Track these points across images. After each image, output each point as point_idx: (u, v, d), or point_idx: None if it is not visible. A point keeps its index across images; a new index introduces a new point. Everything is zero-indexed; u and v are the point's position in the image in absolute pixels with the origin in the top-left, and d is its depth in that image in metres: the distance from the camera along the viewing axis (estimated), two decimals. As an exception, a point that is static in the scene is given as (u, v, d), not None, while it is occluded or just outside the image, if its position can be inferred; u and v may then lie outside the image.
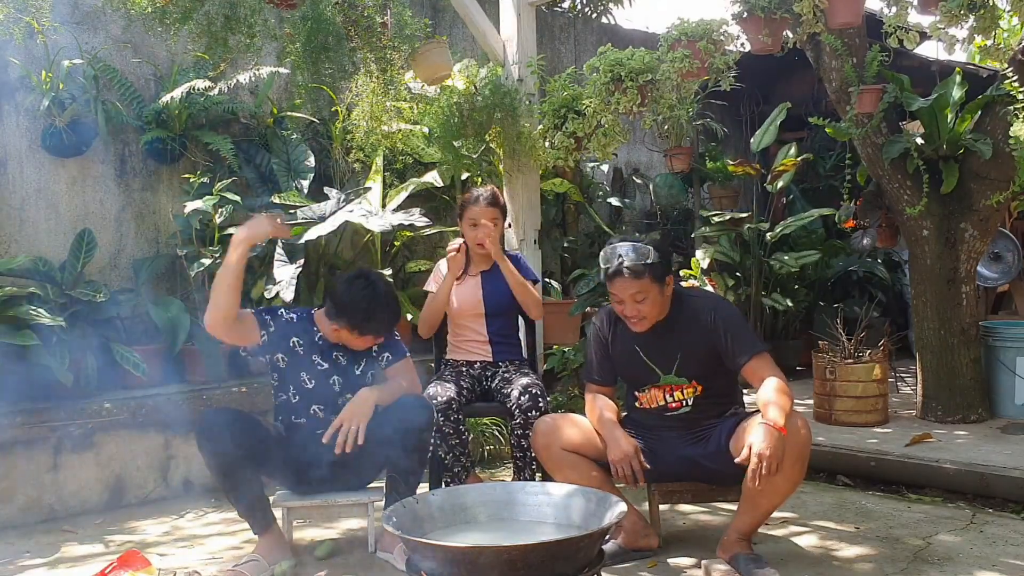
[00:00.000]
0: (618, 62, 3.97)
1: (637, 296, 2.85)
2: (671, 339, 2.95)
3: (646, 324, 2.91)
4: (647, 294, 2.85)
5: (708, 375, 2.95)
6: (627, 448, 2.83)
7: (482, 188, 3.69)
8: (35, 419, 3.74)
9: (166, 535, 3.55)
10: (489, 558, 2.02)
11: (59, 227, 4.43)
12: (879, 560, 2.97)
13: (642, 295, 2.85)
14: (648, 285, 2.84)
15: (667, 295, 2.93)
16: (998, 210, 4.54)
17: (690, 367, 2.94)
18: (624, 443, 2.85)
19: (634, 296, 2.85)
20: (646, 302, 2.86)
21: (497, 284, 3.67)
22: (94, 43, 4.51)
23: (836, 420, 4.53)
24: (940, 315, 4.58)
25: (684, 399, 2.97)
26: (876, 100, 4.38)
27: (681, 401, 2.97)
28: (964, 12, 3.25)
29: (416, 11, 3.75)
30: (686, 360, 2.93)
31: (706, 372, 2.95)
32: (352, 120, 4.08)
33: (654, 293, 2.86)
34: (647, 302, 2.86)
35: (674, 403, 2.98)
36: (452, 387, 3.46)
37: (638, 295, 2.85)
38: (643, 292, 2.85)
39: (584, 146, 4.29)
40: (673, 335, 2.95)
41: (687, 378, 2.95)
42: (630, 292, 2.85)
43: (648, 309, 2.87)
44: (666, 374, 2.96)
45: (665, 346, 2.95)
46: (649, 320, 2.90)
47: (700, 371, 2.95)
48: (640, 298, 2.85)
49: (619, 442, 2.86)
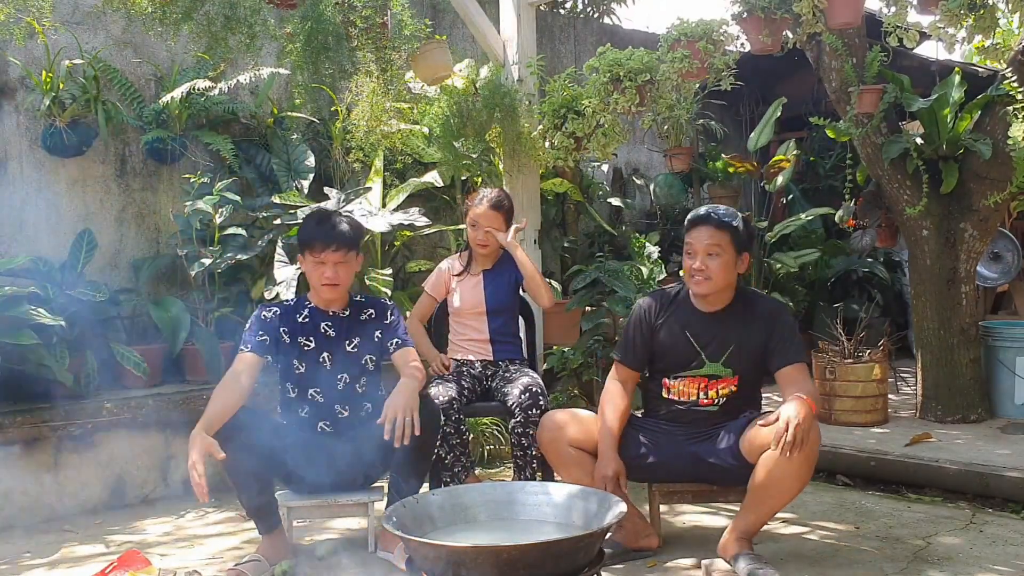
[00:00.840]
0: (617, 62, 3.97)
1: (712, 248, 2.83)
2: (728, 328, 2.93)
3: (708, 286, 2.86)
4: (722, 252, 2.83)
5: (750, 372, 2.95)
6: (609, 471, 2.85)
7: (488, 190, 3.70)
8: (35, 419, 3.74)
9: (166, 535, 3.56)
10: (489, 558, 2.02)
11: (59, 227, 4.43)
12: (879, 560, 2.97)
13: (717, 249, 2.83)
14: (726, 243, 2.83)
15: (737, 271, 2.90)
16: (998, 210, 4.54)
17: (739, 360, 2.92)
18: (611, 465, 2.87)
19: (708, 248, 2.83)
20: (716, 260, 2.83)
21: (499, 283, 3.67)
22: (94, 43, 4.51)
23: (836, 420, 4.53)
24: (940, 315, 4.58)
25: (717, 398, 2.95)
26: (876, 100, 4.38)
27: (713, 400, 2.96)
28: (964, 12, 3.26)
29: (416, 11, 3.75)
30: (738, 352, 2.91)
31: (751, 369, 2.94)
32: (352, 121, 4.08)
33: (728, 256, 2.84)
34: (718, 261, 2.83)
35: (706, 400, 2.96)
36: (453, 387, 3.46)
37: (713, 247, 2.83)
38: (719, 247, 2.83)
39: (584, 146, 4.29)
40: (730, 324, 2.93)
41: (732, 370, 2.93)
42: (707, 242, 2.83)
43: (716, 269, 2.84)
44: (712, 362, 2.93)
45: (719, 333, 2.93)
46: (713, 283, 2.85)
47: (746, 366, 2.93)
48: (714, 251, 2.83)
49: (606, 460, 2.89)
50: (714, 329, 2.94)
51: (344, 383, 3.07)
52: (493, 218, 3.60)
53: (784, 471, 2.66)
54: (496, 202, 3.61)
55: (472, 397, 3.58)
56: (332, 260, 2.98)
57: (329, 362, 3.06)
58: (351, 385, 3.09)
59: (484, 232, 3.60)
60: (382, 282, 4.50)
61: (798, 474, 2.67)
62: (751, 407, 3.02)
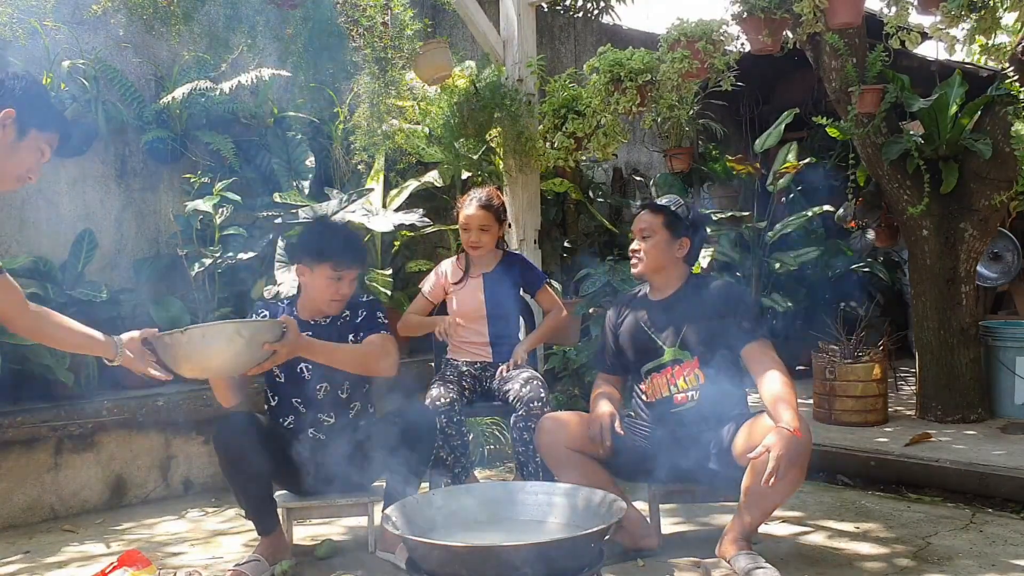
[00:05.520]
0: (618, 62, 3.97)
1: (644, 231, 3.02)
2: (678, 311, 3.01)
3: (641, 267, 3.04)
4: (654, 235, 3.00)
5: (709, 354, 2.94)
6: (602, 412, 2.96)
7: (477, 191, 3.68)
8: (35, 419, 3.74)
9: (167, 535, 3.56)
10: (489, 558, 2.02)
11: (59, 227, 4.43)
12: (879, 560, 2.97)
13: (648, 232, 3.01)
14: (658, 226, 3.00)
15: (674, 255, 3.02)
16: (998, 210, 4.54)
17: (695, 340, 2.95)
18: (602, 408, 2.99)
19: (641, 231, 3.02)
20: (649, 241, 3.00)
21: (498, 286, 3.66)
22: (94, 43, 4.51)
23: (836, 420, 4.53)
24: (940, 315, 4.58)
25: (688, 389, 2.96)
26: (877, 100, 4.38)
27: (687, 393, 2.96)
28: (964, 12, 3.26)
29: (416, 11, 3.75)
30: (692, 332, 2.95)
31: (709, 350, 2.94)
32: (354, 122, 4.08)
33: (660, 238, 3.00)
34: (650, 242, 3.00)
35: (680, 395, 2.97)
36: (454, 388, 3.46)
37: (645, 231, 3.01)
38: (650, 230, 3.01)
39: (584, 146, 4.29)
40: (681, 307, 3.01)
41: (690, 352, 2.96)
42: (640, 226, 3.03)
43: (647, 249, 3.01)
44: (669, 346, 2.98)
45: (672, 317, 3.01)
46: (645, 264, 3.02)
47: (704, 347, 2.94)
48: (645, 234, 3.01)
49: (598, 409, 3.00)
50: (666, 314, 3.04)
51: (325, 391, 3.02)
52: (483, 218, 3.59)
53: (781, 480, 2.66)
54: (485, 201, 3.60)
55: (473, 398, 3.58)
56: (350, 277, 2.98)
57: (307, 372, 3.00)
58: (333, 392, 3.04)
59: (476, 232, 3.59)
60: (382, 282, 4.50)
61: (789, 478, 2.66)
62: (733, 404, 2.99)
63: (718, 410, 2.94)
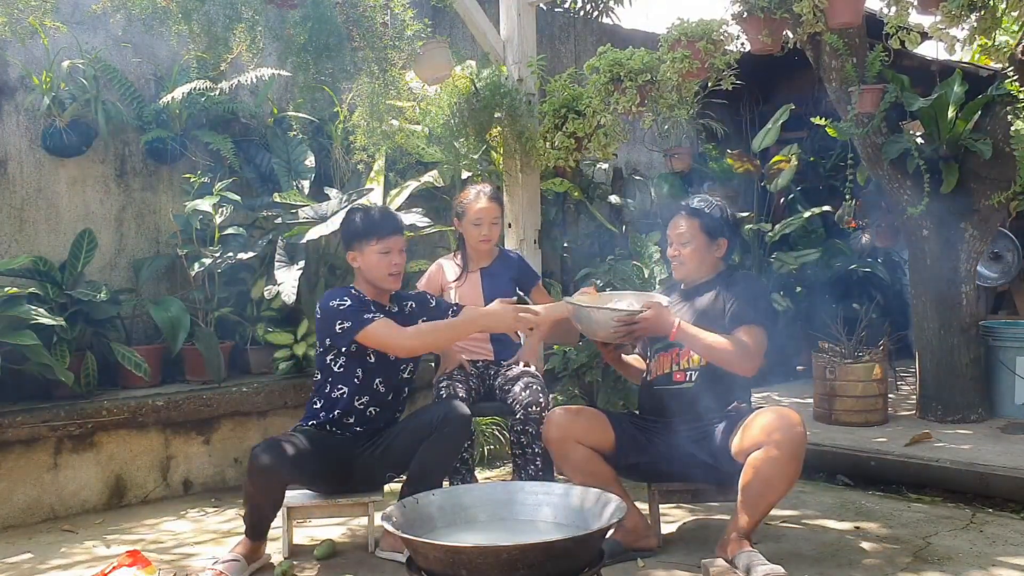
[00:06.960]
0: (618, 62, 3.97)
1: (682, 237, 3.04)
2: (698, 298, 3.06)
3: (683, 271, 3.08)
4: (692, 240, 3.03)
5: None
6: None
7: (478, 185, 3.70)
8: (35, 419, 3.74)
9: (166, 535, 3.55)
10: (489, 558, 2.02)
11: (59, 227, 4.43)
12: (879, 559, 2.97)
13: (687, 238, 3.03)
14: (696, 231, 3.03)
15: (714, 256, 3.07)
16: (998, 210, 4.54)
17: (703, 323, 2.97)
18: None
19: (680, 236, 3.05)
20: (688, 247, 3.04)
21: (497, 281, 3.67)
22: (94, 43, 4.51)
23: (836, 420, 4.53)
24: (940, 315, 4.58)
25: (689, 370, 2.99)
26: (877, 100, 4.38)
27: (686, 373, 2.99)
28: (965, 12, 3.25)
29: (416, 11, 3.74)
30: (703, 318, 2.99)
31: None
32: (354, 122, 4.08)
33: (699, 242, 3.03)
34: (689, 248, 3.04)
35: (679, 373, 3.00)
36: (462, 388, 3.46)
37: (683, 236, 3.04)
38: (689, 235, 3.03)
39: (584, 146, 4.29)
40: (702, 295, 3.06)
41: None
42: (678, 231, 3.05)
43: (688, 255, 3.05)
44: None
45: (690, 304, 3.07)
46: (687, 268, 3.07)
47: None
48: (684, 239, 3.04)
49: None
50: (687, 300, 3.10)
51: (408, 372, 3.20)
52: (496, 210, 3.63)
53: (771, 471, 2.69)
54: (493, 193, 3.65)
55: (476, 397, 3.58)
56: (397, 246, 3.08)
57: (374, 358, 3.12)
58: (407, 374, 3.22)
59: (488, 226, 3.60)
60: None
61: (785, 473, 2.69)
62: (732, 392, 3.00)
63: (715, 396, 2.96)
